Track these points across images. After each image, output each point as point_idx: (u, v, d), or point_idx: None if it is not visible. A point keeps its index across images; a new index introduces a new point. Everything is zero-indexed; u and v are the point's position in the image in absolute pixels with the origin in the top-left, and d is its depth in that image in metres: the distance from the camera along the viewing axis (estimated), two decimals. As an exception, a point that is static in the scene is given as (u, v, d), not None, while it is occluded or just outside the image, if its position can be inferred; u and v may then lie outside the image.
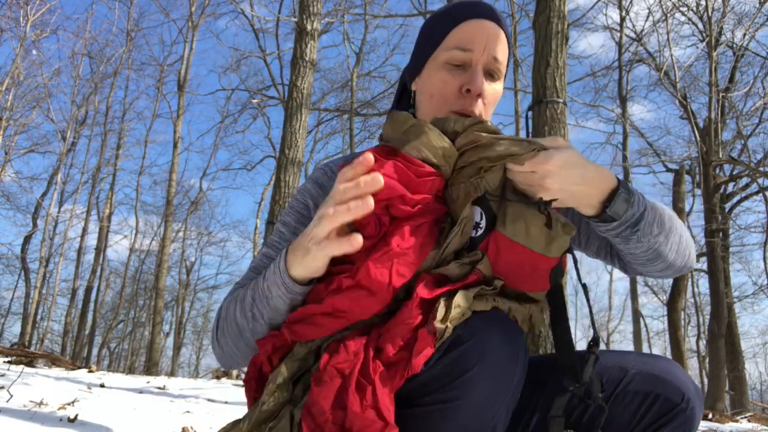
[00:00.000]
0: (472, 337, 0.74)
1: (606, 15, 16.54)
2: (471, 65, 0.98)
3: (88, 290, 16.24)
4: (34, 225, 15.84)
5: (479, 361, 0.72)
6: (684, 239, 1.02)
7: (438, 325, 0.74)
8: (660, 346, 19.18)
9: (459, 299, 0.77)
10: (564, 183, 0.85)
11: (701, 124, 11.88)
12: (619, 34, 13.54)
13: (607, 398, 0.94)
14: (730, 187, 12.90)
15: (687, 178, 12.84)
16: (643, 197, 0.95)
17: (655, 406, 0.91)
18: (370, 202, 0.73)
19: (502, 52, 1.00)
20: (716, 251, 10.88)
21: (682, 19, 13.00)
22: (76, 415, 2.70)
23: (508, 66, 1.05)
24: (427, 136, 0.83)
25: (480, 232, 0.90)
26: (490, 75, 1.00)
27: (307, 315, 0.81)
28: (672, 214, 1.01)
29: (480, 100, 0.98)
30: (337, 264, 0.81)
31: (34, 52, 14.18)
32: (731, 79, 12.62)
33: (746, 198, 13.09)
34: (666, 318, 13.26)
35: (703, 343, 14.78)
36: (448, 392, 0.72)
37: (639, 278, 14.50)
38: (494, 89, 1.01)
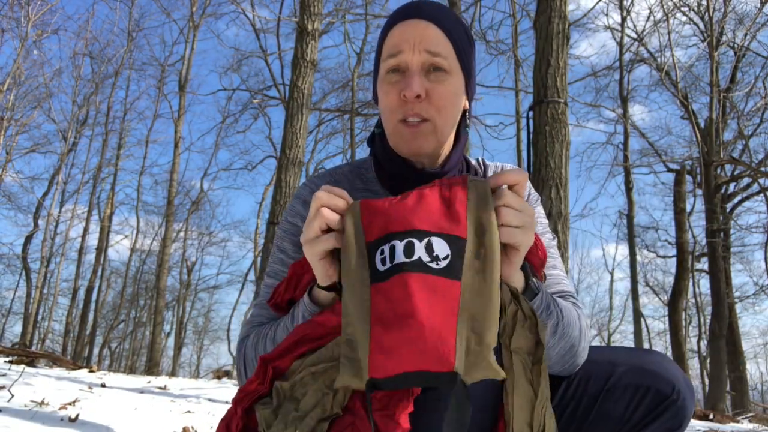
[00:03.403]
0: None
1: (607, 15, 16.56)
2: (408, 68, 0.94)
3: (89, 290, 16.24)
4: (35, 225, 15.83)
5: None
6: (575, 349, 0.93)
7: None
8: (661, 347, 19.16)
9: None
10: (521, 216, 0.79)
11: (702, 125, 11.87)
12: (620, 35, 13.54)
13: (599, 392, 0.95)
14: (732, 188, 12.89)
15: (688, 178, 12.84)
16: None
17: (646, 398, 0.91)
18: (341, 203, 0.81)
19: (437, 44, 0.94)
20: (717, 251, 10.87)
21: (683, 19, 13.00)
22: (77, 415, 2.70)
23: (463, 57, 0.98)
24: None
25: None
26: (435, 71, 0.95)
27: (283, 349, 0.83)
28: (574, 320, 0.93)
29: (424, 103, 0.95)
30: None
31: (35, 52, 14.20)
32: (732, 80, 12.60)
33: (747, 198, 13.08)
34: (667, 318, 13.27)
35: (704, 343, 14.76)
36: None
37: (640, 278, 14.39)
38: (443, 87, 0.95)
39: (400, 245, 0.75)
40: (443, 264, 0.73)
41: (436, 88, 0.95)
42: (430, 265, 0.73)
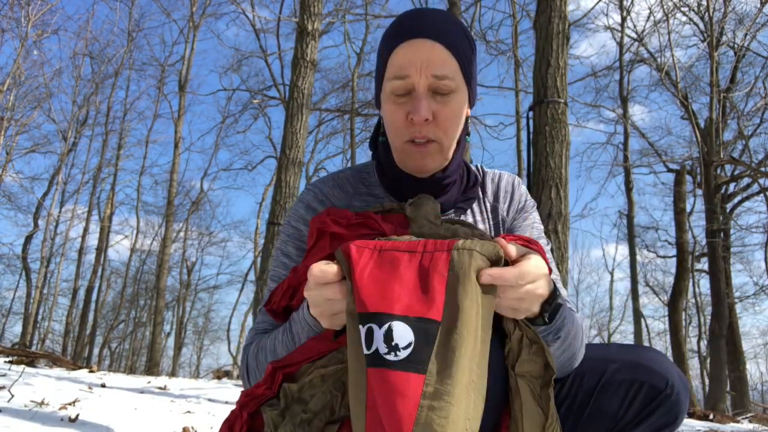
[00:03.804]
0: None
1: (607, 15, 16.56)
2: (414, 90, 0.96)
3: (89, 290, 16.24)
4: (35, 225, 15.83)
5: None
6: (575, 357, 0.94)
7: None
8: (661, 347, 19.17)
9: None
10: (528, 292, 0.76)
11: (702, 125, 11.87)
12: (620, 35, 13.54)
13: (593, 389, 0.95)
14: (732, 188, 12.89)
15: (688, 178, 12.83)
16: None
17: (640, 394, 0.92)
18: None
19: (444, 66, 0.95)
20: (717, 252, 10.87)
21: (683, 19, 13.01)
22: (77, 415, 2.70)
23: (467, 69, 0.99)
24: None
25: None
26: (440, 93, 0.97)
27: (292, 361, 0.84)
28: (578, 332, 0.92)
29: (431, 125, 0.97)
30: None
31: (35, 52, 14.21)
32: (732, 80, 12.60)
33: (747, 198, 13.08)
34: (667, 318, 13.26)
35: (704, 343, 14.76)
36: None
37: (640, 278, 14.35)
38: (449, 108, 0.97)
39: (362, 331, 0.69)
40: (403, 355, 0.66)
41: (442, 110, 0.97)
42: (387, 357, 0.66)
